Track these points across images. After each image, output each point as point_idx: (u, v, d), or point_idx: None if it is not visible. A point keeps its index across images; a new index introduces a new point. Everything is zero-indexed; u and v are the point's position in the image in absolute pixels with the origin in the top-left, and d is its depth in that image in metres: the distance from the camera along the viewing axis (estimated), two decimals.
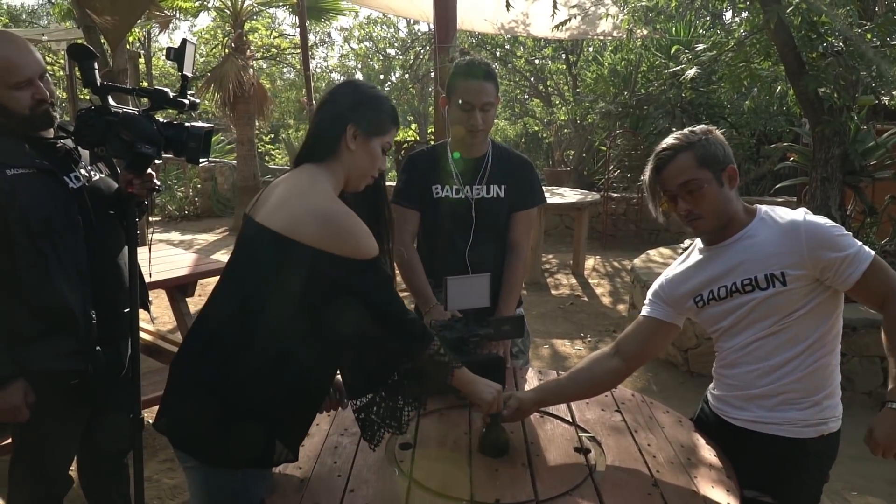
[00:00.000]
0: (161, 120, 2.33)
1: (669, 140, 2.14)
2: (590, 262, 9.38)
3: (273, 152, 22.17)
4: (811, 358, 2.06)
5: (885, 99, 6.18)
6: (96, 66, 2.27)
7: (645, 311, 2.31)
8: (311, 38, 22.31)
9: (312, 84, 9.61)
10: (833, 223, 2.04)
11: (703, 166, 2.06)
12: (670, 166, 2.10)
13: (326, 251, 1.74)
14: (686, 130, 2.14)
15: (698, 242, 2.26)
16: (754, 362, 2.11)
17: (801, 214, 2.05)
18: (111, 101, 2.30)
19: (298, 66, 19.61)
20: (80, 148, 2.42)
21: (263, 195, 1.93)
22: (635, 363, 2.31)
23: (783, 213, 2.09)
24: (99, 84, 2.26)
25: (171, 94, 2.34)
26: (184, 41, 2.30)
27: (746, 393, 2.14)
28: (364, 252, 1.78)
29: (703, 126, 2.16)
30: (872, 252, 2.00)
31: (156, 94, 2.34)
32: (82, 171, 2.44)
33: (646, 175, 2.19)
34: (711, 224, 2.12)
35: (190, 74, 2.33)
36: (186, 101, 2.36)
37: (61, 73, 14.32)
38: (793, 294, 2.02)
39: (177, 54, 2.29)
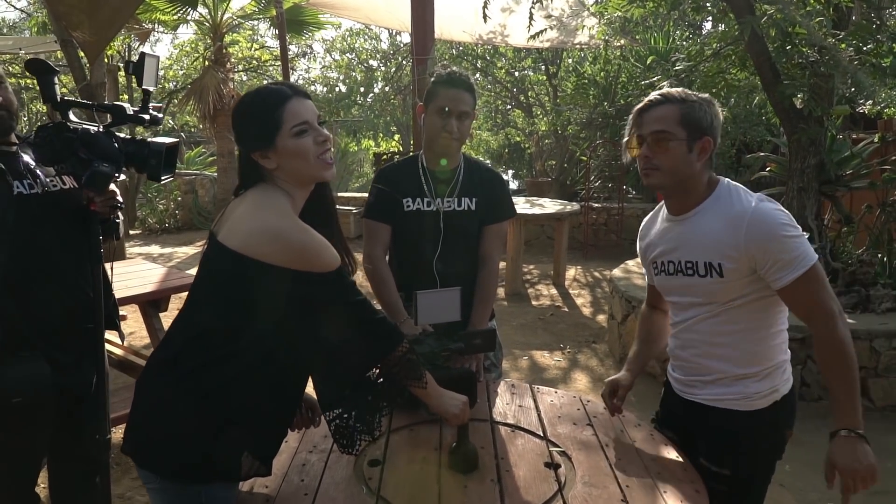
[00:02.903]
0: (122, 136, 2.30)
1: (668, 90, 2.16)
2: (570, 273, 9.37)
3: None
4: (754, 338, 2.15)
5: (865, 107, 6.23)
6: (56, 80, 2.24)
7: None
8: (293, 49, 22.32)
9: None
10: (784, 219, 2.03)
11: (681, 124, 2.08)
12: (653, 111, 2.13)
13: (286, 267, 1.73)
14: (688, 91, 2.15)
15: (664, 208, 2.32)
16: (699, 345, 2.22)
17: (752, 203, 2.06)
18: (72, 117, 2.26)
19: (280, 78, 19.62)
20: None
21: (226, 213, 1.90)
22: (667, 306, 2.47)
23: (737, 199, 2.10)
24: (59, 99, 2.23)
25: (132, 110, 2.31)
26: (142, 55, 2.25)
27: (703, 378, 2.24)
28: (325, 264, 1.77)
29: (706, 95, 2.16)
30: (813, 261, 2.00)
31: (115, 109, 2.30)
32: (37, 179, 2.40)
33: (633, 110, 2.21)
34: (662, 180, 2.14)
35: (152, 89, 2.29)
36: (147, 117, 2.32)
37: None
38: (729, 285, 2.09)
39: (135, 68, 2.25)
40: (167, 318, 4.79)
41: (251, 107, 1.86)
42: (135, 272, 4.90)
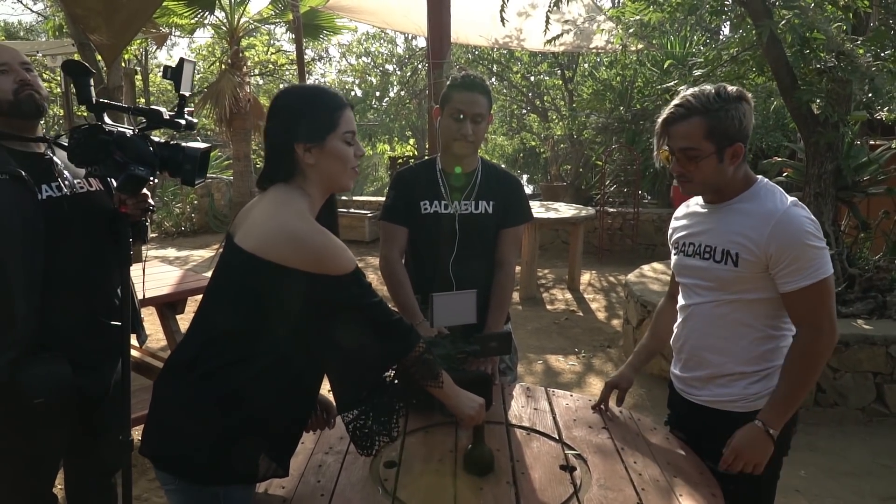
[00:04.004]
0: (156, 139, 2.31)
1: (691, 96, 2.09)
2: (585, 277, 9.35)
3: None
4: (756, 337, 2.17)
5: (883, 113, 6.19)
6: (92, 83, 2.26)
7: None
8: (309, 53, 22.37)
9: None
10: (811, 227, 2.04)
11: (708, 138, 2.06)
12: (678, 126, 2.10)
13: (302, 270, 1.73)
14: (714, 92, 2.07)
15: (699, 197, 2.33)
16: (700, 335, 2.26)
17: (785, 205, 2.07)
18: (107, 119, 2.28)
19: (296, 83, 19.68)
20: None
21: (241, 214, 1.91)
22: None
23: (771, 198, 2.11)
24: (94, 102, 2.25)
25: (167, 115, 2.32)
26: (181, 60, 2.27)
27: (699, 374, 2.28)
28: (341, 267, 1.77)
29: (736, 89, 2.11)
30: (826, 275, 2.03)
31: (151, 113, 2.32)
32: (65, 182, 2.41)
33: (658, 119, 2.18)
34: (698, 191, 2.22)
35: (188, 94, 2.31)
36: (182, 122, 2.33)
37: (58, 90, 14.36)
38: (741, 276, 2.12)
39: (174, 73, 2.27)
40: (184, 321, 4.82)
41: (314, 100, 1.87)
42: (151, 275, 4.93)
